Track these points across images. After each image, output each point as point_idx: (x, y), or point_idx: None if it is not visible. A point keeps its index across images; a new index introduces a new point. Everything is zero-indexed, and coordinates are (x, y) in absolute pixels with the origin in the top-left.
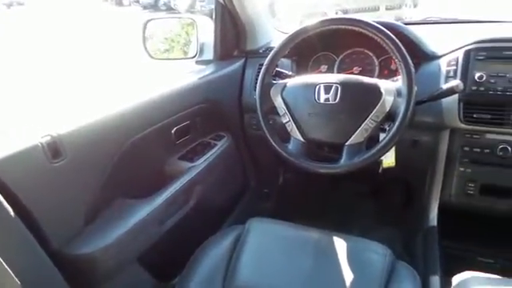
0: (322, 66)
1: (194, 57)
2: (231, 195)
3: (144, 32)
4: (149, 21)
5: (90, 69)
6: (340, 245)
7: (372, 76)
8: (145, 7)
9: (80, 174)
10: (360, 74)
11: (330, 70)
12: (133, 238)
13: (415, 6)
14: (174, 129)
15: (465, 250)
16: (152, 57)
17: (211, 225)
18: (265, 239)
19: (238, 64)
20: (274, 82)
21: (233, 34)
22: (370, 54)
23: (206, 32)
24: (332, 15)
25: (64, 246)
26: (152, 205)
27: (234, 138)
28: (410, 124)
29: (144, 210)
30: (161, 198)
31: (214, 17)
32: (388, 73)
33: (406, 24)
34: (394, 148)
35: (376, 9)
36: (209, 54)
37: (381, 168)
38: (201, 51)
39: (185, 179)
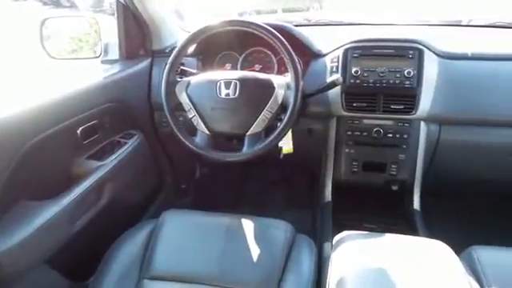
0: (227, 64)
1: (99, 56)
2: (147, 192)
3: (41, 31)
4: (46, 19)
5: None
6: (248, 226)
7: (272, 72)
8: (45, 3)
9: None
10: (261, 71)
11: (233, 68)
12: (40, 240)
13: (321, 8)
14: (80, 128)
15: (353, 219)
16: (53, 57)
17: (127, 222)
18: (179, 229)
19: (144, 63)
20: (179, 79)
21: (137, 34)
22: (269, 52)
23: (113, 31)
24: (234, 17)
25: None
26: (59, 205)
27: (146, 136)
28: (304, 114)
29: (50, 211)
30: (68, 198)
31: (116, 16)
32: (284, 69)
33: (296, 26)
34: (291, 136)
35: (274, 11)
36: (115, 54)
37: (281, 155)
38: (106, 51)
39: (94, 178)
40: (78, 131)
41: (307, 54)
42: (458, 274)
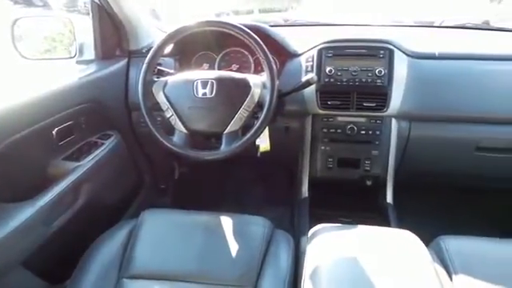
0: (204, 64)
1: (74, 57)
2: (126, 192)
3: (13, 30)
4: (18, 19)
5: None
6: (226, 223)
7: (249, 72)
8: (16, 2)
9: None
10: (238, 70)
11: (211, 68)
12: (15, 242)
13: (299, 9)
14: (56, 129)
15: (330, 214)
16: (25, 57)
17: (106, 223)
18: (158, 228)
19: (121, 64)
20: (156, 79)
21: (113, 34)
22: (246, 52)
23: (88, 31)
24: (211, 17)
25: None
26: (35, 206)
27: (123, 137)
28: (281, 113)
29: (25, 213)
30: (44, 199)
31: (90, 16)
32: (261, 69)
33: (272, 26)
34: (268, 134)
35: (251, 11)
36: (90, 54)
37: (259, 153)
38: (81, 51)
39: (70, 179)
40: (54, 132)
41: (283, 53)
42: (425, 262)
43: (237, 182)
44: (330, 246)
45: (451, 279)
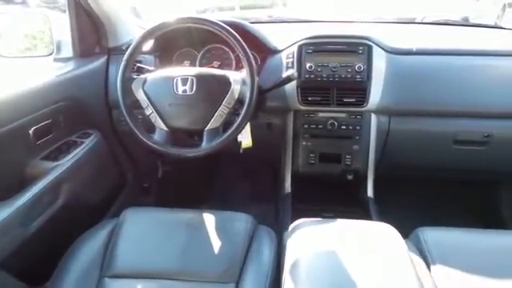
0: (185, 61)
1: (51, 54)
2: (108, 192)
3: None
4: None
5: None
6: (209, 220)
7: (230, 69)
8: None
9: None
10: (219, 67)
11: (192, 65)
12: None
13: (284, 5)
14: (33, 128)
15: (312, 209)
16: (2, 55)
17: (87, 223)
18: (140, 226)
19: (100, 61)
20: (135, 76)
21: (92, 31)
22: (227, 49)
23: (67, 29)
24: (191, 14)
25: None
26: (11, 207)
27: (104, 135)
28: (263, 109)
29: (2, 213)
30: (22, 199)
31: (67, 13)
32: (242, 65)
33: (253, 23)
34: (249, 130)
35: (232, 8)
36: (69, 52)
37: (241, 149)
38: (59, 48)
39: (49, 179)
40: (31, 131)
41: (264, 50)
42: (402, 253)
43: (221, 179)
44: (310, 239)
45: (429, 270)
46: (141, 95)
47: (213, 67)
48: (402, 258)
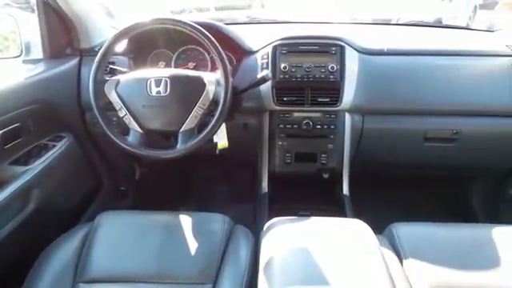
0: (160, 63)
1: (19, 56)
2: (82, 196)
3: None
4: None
5: None
6: (185, 222)
7: (206, 70)
8: None
9: None
10: (195, 68)
11: (167, 66)
12: None
13: (263, 6)
14: (0, 132)
15: (289, 208)
16: None
17: (60, 228)
18: (115, 230)
19: (72, 63)
20: (108, 78)
21: (62, 32)
22: (202, 50)
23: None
24: (165, 15)
25: None
26: None
27: (77, 138)
28: (239, 110)
29: None
30: None
31: (36, 13)
32: (217, 66)
33: (228, 24)
34: (225, 131)
35: (207, 9)
36: (39, 53)
37: (217, 150)
38: (28, 50)
39: (18, 183)
40: None
41: (239, 51)
42: (373, 248)
43: (200, 180)
44: (284, 238)
45: (402, 264)
46: (114, 97)
47: (188, 68)
48: (373, 253)
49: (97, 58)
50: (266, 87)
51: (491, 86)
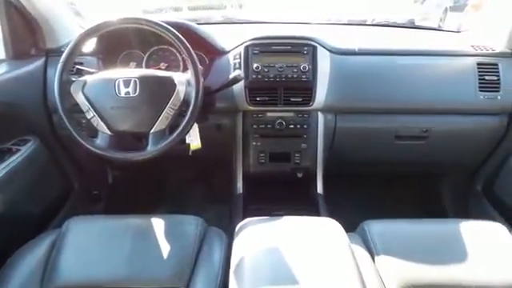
0: (131, 63)
1: None
2: (51, 201)
3: None
4: None
5: None
6: (158, 225)
7: (178, 70)
8: None
9: None
10: (166, 69)
11: (138, 66)
12: None
13: (240, 6)
14: None
15: (264, 209)
16: None
17: (26, 236)
18: (84, 236)
19: (37, 63)
20: (74, 79)
21: (27, 32)
22: (174, 50)
23: None
24: (135, 14)
25: None
26: None
27: (44, 141)
28: (212, 110)
29: None
30: None
31: None
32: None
33: (201, 24)
34: (197, 132)
35: (179, 9)
36: (1, 54)
37: (190, 151)
38: None
39: None
40: None
41: (211, 51)
42: (344, 246)
43: (175, 182)
44: (255, 238)
45: (374, 260)
46: (80, 98)
47: (160, 69)
48: (343, 251)
49: (62, 58)
50: (238, 87)
51: (458, 85)
